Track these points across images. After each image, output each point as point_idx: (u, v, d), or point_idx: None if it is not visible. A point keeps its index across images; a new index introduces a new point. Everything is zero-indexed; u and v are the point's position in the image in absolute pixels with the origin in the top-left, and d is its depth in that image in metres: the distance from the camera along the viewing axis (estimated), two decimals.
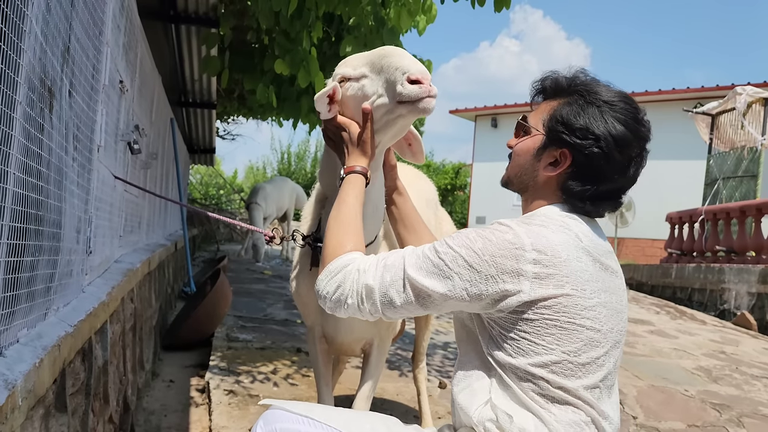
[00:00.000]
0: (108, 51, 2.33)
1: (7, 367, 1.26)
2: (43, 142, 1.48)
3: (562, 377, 1.36)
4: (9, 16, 1.17)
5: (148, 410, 3.49)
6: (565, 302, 1.35)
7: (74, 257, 1.98)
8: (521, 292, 1.34)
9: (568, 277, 1.36)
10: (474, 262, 1.36)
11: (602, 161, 1.42)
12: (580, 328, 1.37)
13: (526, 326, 1.36)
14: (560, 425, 1.35)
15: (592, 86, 1.48)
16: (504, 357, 1.39)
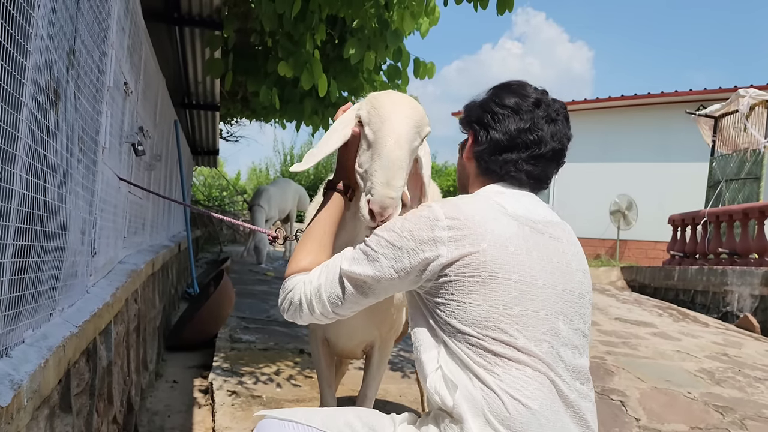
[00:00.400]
0: (113, 53, 2.35)
1: (12, 368, 1.26)
2: (49, 144, 1.49)
3: (497, 331, 1.39)
4: (15, 18, 1.18)
5: (152, 411, 3.50)
6: (483, 257, 1.41)
7: (79, 258, 1.99)
8: (440, 256, 1.42)
9: (484, 235, 1.43)
10: (394, 240, 1.47)
11: (491, 120, 1.59)
12: (505, 282, 1.41)
13: (452, 288, 1.42)
14: (504, 384, 1.36)
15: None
16: (442, 323, 1.44)
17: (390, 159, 1.56)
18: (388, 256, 1.46)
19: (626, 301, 8.77)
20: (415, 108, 1.68)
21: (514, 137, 1.56)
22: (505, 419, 1.34)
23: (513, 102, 1.58)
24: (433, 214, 1.45)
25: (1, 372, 1.22)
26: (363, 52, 4.55)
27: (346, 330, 2.23)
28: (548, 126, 1.58)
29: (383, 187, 1.54)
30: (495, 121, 1.58)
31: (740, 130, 10.30)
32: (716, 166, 10.89)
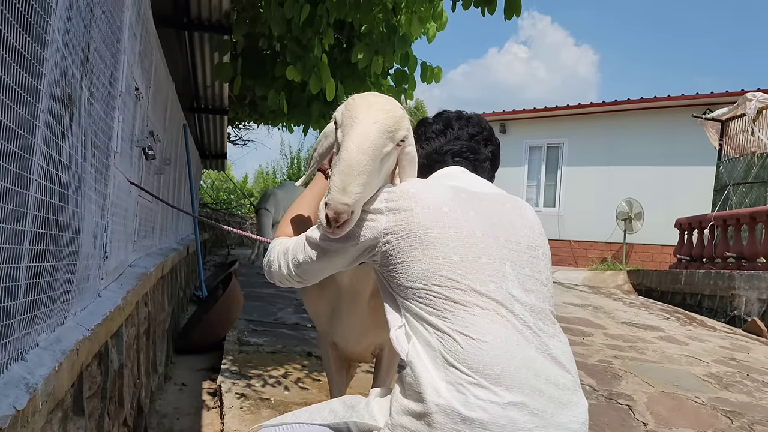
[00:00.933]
0: (125, 59, 2.37)
1: (28, 371, 1.28)
2: (64, 150, 1.51)
3: (441, 279, 1.47)
4: (32, 26, 1.20)
5: (161, 413, 3.52)
6: (416, 219, 1.52)
7: (91, 262, 2.01)
8: (379, 222, 1.55)
9: (417, 201, 1.55)
10: None
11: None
12: (441, 236, 1.51)
13: (395, 253, 1.53)
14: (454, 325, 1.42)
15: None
16: (395, 287, 1.54)
17: (349, 164, 1.51)
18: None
19: (633, 305, 8.75)
20: (388, 111, 1.60)
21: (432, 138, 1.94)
22: (460, 354, 1.39)
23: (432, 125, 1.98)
24: (377, 193, 1.59)
25: (16, 375, 1.24)
26: (371, 56, 4.57)
27: (354, 333, 2.23)
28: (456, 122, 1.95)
29: (338, 193, 1.50)
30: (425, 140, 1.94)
31: (747, 134, 10.28)
32: (723, 169, 10.87)
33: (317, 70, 4.67)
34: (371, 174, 1.54)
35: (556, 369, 1.47)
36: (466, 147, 1.90)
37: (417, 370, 1.40)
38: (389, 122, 1.58)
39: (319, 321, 2.31)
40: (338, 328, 2.22)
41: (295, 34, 4.62)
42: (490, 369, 1.37)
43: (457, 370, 1.37)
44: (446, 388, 1.36)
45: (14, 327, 1.25)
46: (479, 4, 4.04)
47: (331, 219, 1.51)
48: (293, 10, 4.31)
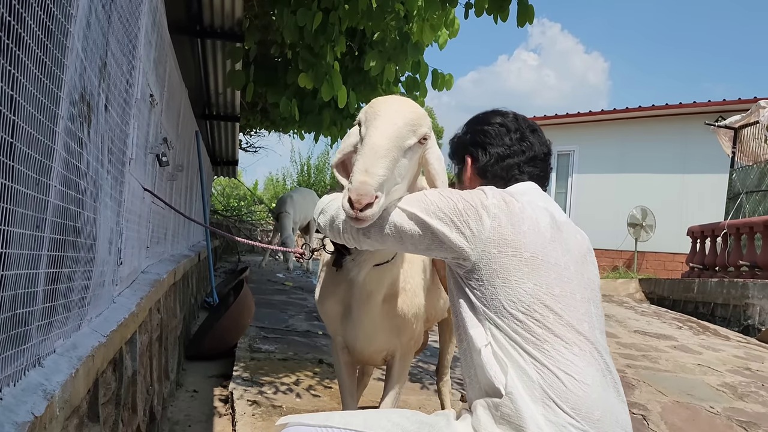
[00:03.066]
0: (140, 66, 2.38)
1: (45, 378, 1.28)
2: (82, 156, 1.51)
3: (543, 309, 1.44)
4: (54, 33, 1.21)
5: (173, 420, 3.52)
6: (524, 239, 1.48)
7: (106, 268, 2.01)
8: (482, 226, 1.49)
9: (524, 219, 1.51)
10: (447, 195, 1.55)
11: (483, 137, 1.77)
12: (545, 263, 1.48)
13: (496, 266, 1.47)
14: (555, 360, 1.39)
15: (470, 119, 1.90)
16: (486, 301, 1.48)
17: (372, 147, 1.54)
18: (436, 203, 1.53)
19: (645, 314, 8.70)
20: (412, 106, 1.67)
21: (510, 146, 1.74)
22: (563, 393, 1.36)
23: (499, 120, 1.79)
24: (482, 190, 1.57)
25: (34, 382, 1.24)
26: (383, 64, 4.57)
27: (364, 334, 2.24)
28: (532, 135, 1.78)
29: (361, 174, 1.50)
30: (489, 138, 1.76)
31: (761, 142, 10.21)
32: (736, 177, 10.79)
33: (329, 77, 4.67)
34: (394, 161, 1.56)
35: (627, 416, 1.49)
36: (541, 168, 1.78)
37: (518, 403, 1.37)
38: (411, 116, 1.64)
39: (331, 320, 2.33)
40: (349, 327, 2.24)
41: (308, 42, 4.63)
42: (591, 413, 1.36)
43: (559, 409, 1.36)
44: (547, 425, 1.35)
45: (32, 333, 1.26)
46: (492, 11, 4.03)
47: (354, 201, 1.49)
48: (306, 18, 4.33)
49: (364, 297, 2.14)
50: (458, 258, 1.53)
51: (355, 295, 2.15)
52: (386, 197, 1.53)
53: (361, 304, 2.16)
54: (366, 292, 2.12)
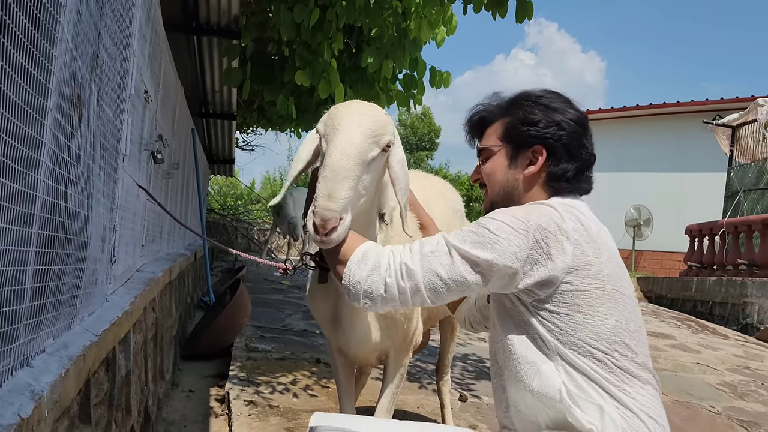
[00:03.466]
0: (134, 61, 2.34)
1: (33, 378, 1.24)
2: (72, 150, 1.47)
3: (623, 347, 1.37)
4: (42, 22, 1.17)
5: (168, 421, 3.48)
6: (606, 270, 1.38)
7: (99, 266, 1.97)
8: (564, 255, 1.35)
9: (601, 247, 1.40)
10: (519, 227, 1.36)
11: (569, 140, 1.52)
12: (623, 297, 1.40)
13: (577, 299, 1.37)
14: (638, 402, 1.34)
15: (523, 95, 1.60)
16: (561, 335, 1.37)
17: (333, 169, 1.48)
18: (511, 242, 1.34)
19: (643, 312, 8.67)
20: (372, 116, 1.59)
21: (590, 153, 1.56)
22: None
23: (573, 114, 1.55)
24: (556, 211, 1.41)
25: (22, 382, 1.20)
26: (381, 60, 4.53)
27: (356, 338, 2.21)
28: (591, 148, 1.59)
29: (324, 199, 1.45)
30: (570, 138, 1.52)
31: (759, 140, 10.20)
32: (734, 176, 10.78)
33: (326, 74, 4.64)
34: (357, 179, 1.50)
35: None
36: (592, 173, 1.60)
37: None
38: (373, 126, 1.57)
39: (323, 325, 2.30)
40: (340, 332, 2.21)
41: (305, 39, 4.59)
42: None
43: None
44: None
45: (19, 332, 1.22)
46: (490, 7, 4.00)
47: (318, 226, 1.45)
48: (303, 15, 4.29)
49: (352, 305, 2.10)
50: (534, 288, 1.39)
51: (344, 303, 2.11)
52: (351, 214, 1.49)
53: (351, 312, 2.13)
54: None
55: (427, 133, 31.51)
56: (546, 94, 1.57)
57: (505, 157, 1.58)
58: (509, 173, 1.57)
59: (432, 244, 1.40)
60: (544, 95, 1.57)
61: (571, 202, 1.49)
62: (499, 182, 1.59)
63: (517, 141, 1.55)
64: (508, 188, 1.57)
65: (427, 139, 31.58)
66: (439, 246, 1.39)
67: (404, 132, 31.53)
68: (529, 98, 1.57)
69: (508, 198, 1.57)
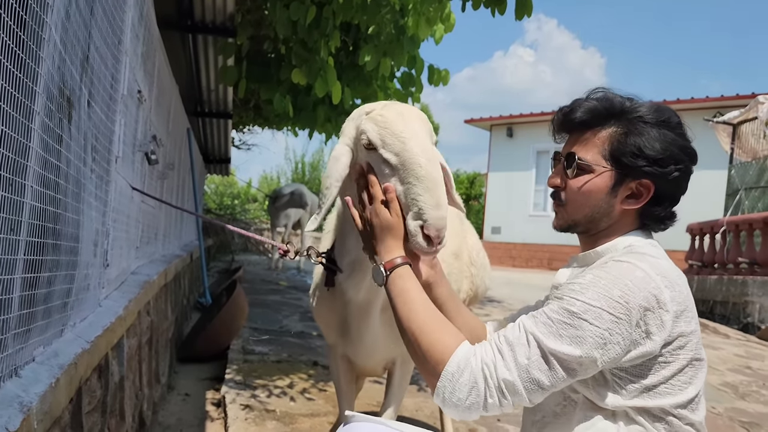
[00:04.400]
0: (127, 60, 2.29)
1: (22, 389, 1.20)
2: (62, 154, 1.43)
3: (690, 411, 1.33)
4: (27, 23, 1.13)
5: (164, 425, 3.44)
6: (695, 339, 1.32)
7: (91, 271, 1.93)
8: (663, 331, 1.27)
9: (693, 312, 1.32)
10: (619, 312, 1.23)
11: (683, 180, 1.41)
12: (703, 364, 1.35)
13: (664, 370, 1.30)
14: None
15: (635, 107, 1.41)
16: (637, 403, 1.31)
17: (431, 179, 1.44)
18: (614, 332, 1.23)
19: None
20: (423, 117, 1.58)
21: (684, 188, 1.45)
22: None
23: (696, 158, 1.44)
24: (652, 280, 1.27)
25: (10, 394, 1.16)
26: (379, 58, 4.49)
27: (365, 348, 2.15)
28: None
29: (435, 209, 1.41)
30: (685, 185, 1.43)
31: (759, 138, 10.17)
32: (735, 174, 10.75)
33: (323, 72, 4.60)
34: None
35: None
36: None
37: None
38: (428, 127, 1.57)
39: (329, 331, 2.24)
40: (348, 342, 2.14)
41: (301, 37, 4.55)
42: None
43: None
44: None
45: (8, 342, 1.18)
46: (489, 4, 3.96)
47: (434, 238, 1.41)
48: (299, 12, 4.25)
49: (362, 314, 2.03)
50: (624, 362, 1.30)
51: (352, 312, 2.04)
52: None
53: (360, 321, 2.05)
54: (365, 303, 2.02)
55: None
56: (671, 120, 1.41)
57: (609, 180, 1.41)
58: (606, 199, 1.42)
59: (526, 351, 1.25)
60: (669, 119, 1.41)
61: (656, 253, 1.37)
62: (593, 206, 1.44)
63: (626, 168, 1.39)
64: (600, 214, 1.44)
65: None
66: (532, 350, 1.25)
67: None
68: (636, 115, 1.40)
69: (593, 222, 1.45)
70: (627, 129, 1.40)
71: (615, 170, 1.40)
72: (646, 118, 1.39)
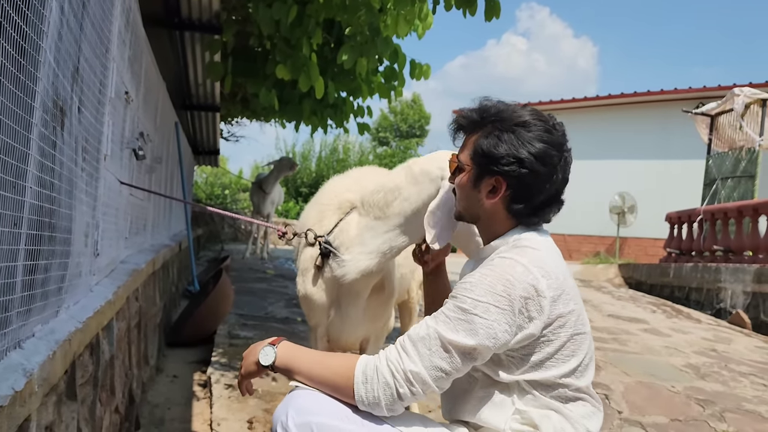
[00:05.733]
0: (114, 66, 2.49)
1: (25, 358, 1.42)
2: (56, 158, 1.64)
3: (575, 379, 1.55)
4: (26, 50, 1.33)
5: (153, 403, 3.66)
6: (573, 317, 1.52)
7: (83, 259, 2.14)
8: (542, 314, 1.47)
9: (570, 294, 1.53)
10: (503, 305, 1.44)
11: (531, 179, 1.56)
12: (584, 336, 1.56)
13: (548, 347, 1.51)
14: (579, 417, 1.54)
15: (502, 113, 1.61)
16: (527, 376, 1.53)
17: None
18: (500, 321, 1.44)
19: (621, 298, 8.91)
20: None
21: (555, 182, 1.59)
22: None
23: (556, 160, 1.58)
24: (530, 272, 1.47)
25: (15, 362, 1.37)
26: (356, 58, 4.69)
27: (350, 324, 2.39)
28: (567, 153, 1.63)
29: None
30: (540, 182, 1.57)
31: (736, 129, 10.42)
32: (712, 164, 11.01)
33: (306, 68, 4.79)
34: None
35: None
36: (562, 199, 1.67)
37: None
38: None
39: (314, 314, 2.44)
40: (335, 320, 2.37)
41: (284, 35, 4.74)
42: None
43: None
44: None
45: (12, 319, 1.39)
46: (461, 6, 4.17)
47: None
48: (281, 12, 4.44)
49: (352, 295, 2.26)
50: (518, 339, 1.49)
51: (342, 293, 2.27)
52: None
53: (349, 302, 2.28)
54: (354, 291, 2.25)
55: (417, 120, 31.53)
56: (523, 122, 1.58)
57: (471, 177, 1.64)
58: (473, 194, 1.64)
59: (427, 343, 1.45)
60: (519, 122, 1.58)
61: (540, 245, 1.57)
62: (464, 199, 1.69)
63: (480, 167, 1.61)
64: (473, 208, 1.66)
65: (417, 126, 31.64)
66: (432, 341, 1.44)
67: (394, 119, 31.56)
68: (500, 120, 1.60)
69: (474, 216, 1.68)
70: (485, 132, 1.62)
71: (475, 167, 1.62)
72: (503, 123, 1.59)
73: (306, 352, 1.63)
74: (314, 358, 1.60)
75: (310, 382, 1.56)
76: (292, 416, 1.49)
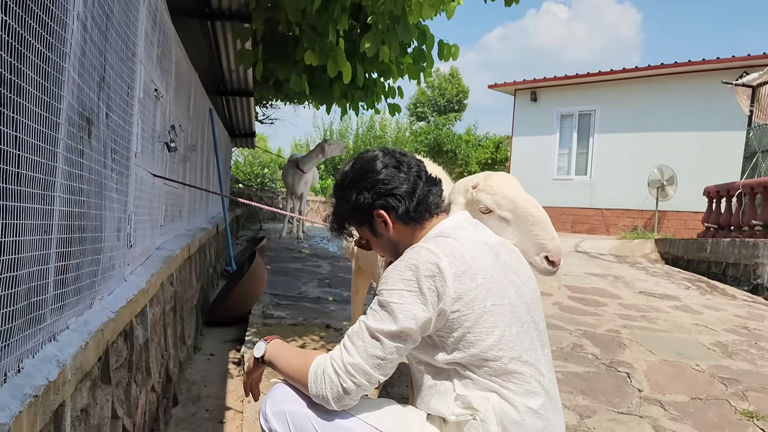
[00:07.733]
0: (141, 68, 2.62)
1: (59, 350, 1.57)
2: (84, 164, 1.78)
3: (509, 351, 1.65)
4: (50, 73, 1.47)
5: (190, 381, 3.88)
6: (482, 291, 1.65)
7: (116, 253, 2.31)
8: (448, 289, 1.61)
9: (477, 269, 1.66)
10: (412, 287, 1.62)
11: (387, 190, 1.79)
12: (502, 307, 1.67)
13: (466, 322, 1.64)
14: (518, 395, 1.64)
15: (338, 185, 1.90)
16: (457, 356, 1.66)
17: (543, 220, 2.01)
18: (416, 304, 1.60)
19: (656, 274, 8.86)
20: (516, 180, 2.11)
21: (407, 178, 1.80)
22: (517, 422, 1.63)
23: (377, 164, 1.82)
24: (432, 253, 1.64)
25: (49, 354, 1.53)
26: (378, 45, 4.76)
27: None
28: (405, 158, 1.86)
29: (553, 241, 2.00)
30: (388, 181, 1.79)
31: None
32: (753, 136, 10.75)
33: (333, 54, 4.88)
34: None
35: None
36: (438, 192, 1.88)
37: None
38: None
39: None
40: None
41: (311, 22, 4.83)
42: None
43: None
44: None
45: (46, 315, 1.55)
46: None
47: (557, 262, 2.00)
48: (306, 1, 4.52)
49: None
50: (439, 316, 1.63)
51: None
52: None
53: None
54: None
55: (455, 94, 31.31)
56: (350, 172, 1.86)
57: (370, 234, 1.88)
58: (381, 241, 1.87)
59: (359, 336, 1.63)
60: (347, 174, 1.86)
61: (442, 229, 1.79)
62: (383, 250, 1.92)
63: (362, 220, 1.85)
64: (392, 249, 1.86)
65: (456, 101, 31.42)
66: (364, 333, 1.63)
67: (432, 94, 31.40)
68: (341, 186, 1.88)
69: (398, 254, 1.81)
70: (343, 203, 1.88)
71: (362, 226, 1.88)
72: (340, 188, 1.89)
73: (285, 351, 1.85)
74: (288, 357, 1.80)
75: (284, 377, 1.80)
76: (269, 405, 1.75)
